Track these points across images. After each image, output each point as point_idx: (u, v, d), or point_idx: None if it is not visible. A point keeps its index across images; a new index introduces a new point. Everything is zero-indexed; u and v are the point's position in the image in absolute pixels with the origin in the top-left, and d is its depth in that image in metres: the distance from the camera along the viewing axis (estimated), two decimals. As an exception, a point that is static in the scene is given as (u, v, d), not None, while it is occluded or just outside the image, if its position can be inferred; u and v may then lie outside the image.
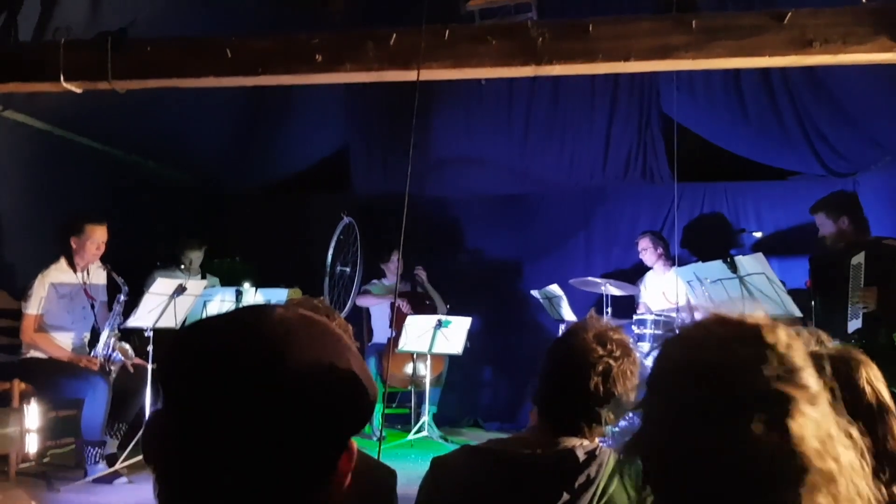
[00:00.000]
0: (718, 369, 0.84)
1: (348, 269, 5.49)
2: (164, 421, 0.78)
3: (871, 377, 1.53)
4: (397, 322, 5.60)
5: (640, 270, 6.23)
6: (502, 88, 6.28)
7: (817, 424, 0.81)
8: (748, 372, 0.83)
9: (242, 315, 0.83)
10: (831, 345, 1.72)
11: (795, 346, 0.86)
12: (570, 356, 1.68)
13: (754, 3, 4.80)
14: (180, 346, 0.81)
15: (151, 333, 4.41)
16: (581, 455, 1.59)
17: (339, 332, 0.85)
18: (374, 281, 6.33)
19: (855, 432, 0.86)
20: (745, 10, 4.54)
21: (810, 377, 0.84)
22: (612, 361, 1.62)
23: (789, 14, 3.33)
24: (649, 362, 0.97)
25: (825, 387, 0.86)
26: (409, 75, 3.64)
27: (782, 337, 0.86)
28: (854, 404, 1.49)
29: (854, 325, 3.87)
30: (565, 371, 1.68)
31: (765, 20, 3.40)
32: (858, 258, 3.96)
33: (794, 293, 4.79)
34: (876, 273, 3.87)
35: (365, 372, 0.83)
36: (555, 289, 5.86)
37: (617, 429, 1.71)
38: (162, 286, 4.41)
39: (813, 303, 4.31)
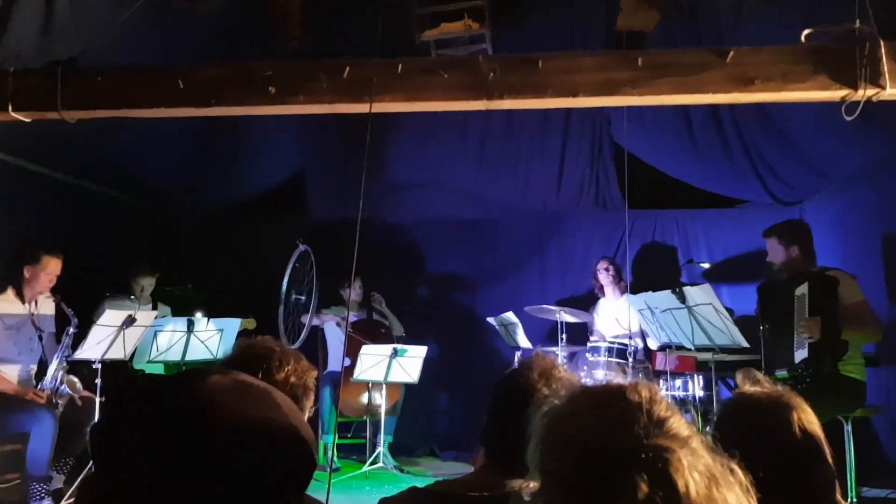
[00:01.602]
0: (593, 436, 0.85)
1: (303, 298, 5.44)
2: (97, 488, 0.78)
3: (804, 421, 1.57)
4: (352, 350, 5.57)
5: (595, 297, 6.31)
6: (458, 114, 6.32)
7: (698, 470, 0.82)
8: (620, 432, 0.84)
9: (175, 382, 0.84)
10: (768, 384, 1.77)
11: (657, 398, 0.89)
12: (515, 395, 1.69)
13: (702, 41, 4.94)
14: (111, 414, 0.82)
15: (100, 366, 4.33)
16: (527, 497, 1.60)
17: (280, 399, 0.86)
18: (333, 307, 6.30)
19: (736, 468, 0.87)
20: (692, 47, 4.68)
21: (678, 424, 0.87)
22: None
23: (732, 52, 3.43)
24: None
25: (695, 430, 0.89)
26: (362, 108, 3.66)
27: (644, 392, 0.89)
28: (786, 448, 1.54)
29: (800, 354, 3.92)
30: (509, 411, 1.69)
31: (708, 57, 3.49)
32: (802, 289, 4.03)
33: (745, 320, 4.88)
34: (819, 303, 3.93)
35: (307, 436, 0.85)
36: (510, 316, 5.90)
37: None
38: (110, 317, 4.33)
39: (761, 332, 4.37)
